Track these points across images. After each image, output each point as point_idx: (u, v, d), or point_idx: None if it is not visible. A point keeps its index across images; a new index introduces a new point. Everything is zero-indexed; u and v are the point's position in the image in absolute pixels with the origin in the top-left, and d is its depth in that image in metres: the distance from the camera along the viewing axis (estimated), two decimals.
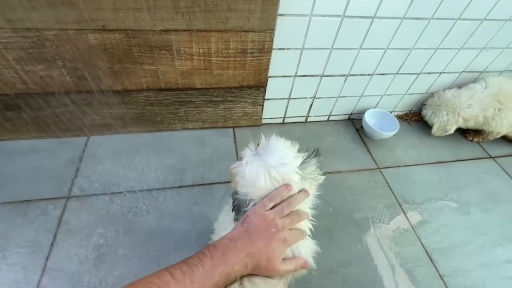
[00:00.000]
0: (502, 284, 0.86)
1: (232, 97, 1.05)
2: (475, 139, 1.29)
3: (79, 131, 1.04)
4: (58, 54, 0.80)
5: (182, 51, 0.86)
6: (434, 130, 1.21)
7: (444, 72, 1.17)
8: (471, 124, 1.21)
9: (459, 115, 1.16)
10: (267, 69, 0.97)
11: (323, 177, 0.52)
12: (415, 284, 0.83)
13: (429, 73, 1.15)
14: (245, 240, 0.43)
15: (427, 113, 1.24)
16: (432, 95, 1.25)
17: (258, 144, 0.51)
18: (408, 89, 1.22)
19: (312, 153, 0.52)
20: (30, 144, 1.00)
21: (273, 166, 0.46)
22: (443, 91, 1.21)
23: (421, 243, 0.92)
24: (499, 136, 1.25)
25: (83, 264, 0.76)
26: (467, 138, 1.31)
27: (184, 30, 0.81)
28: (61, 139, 1.03)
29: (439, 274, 0.86)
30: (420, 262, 0.88)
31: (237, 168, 0.48)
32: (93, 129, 1.05)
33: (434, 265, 0.87)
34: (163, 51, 0.85)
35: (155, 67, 0.90)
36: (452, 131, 1.19)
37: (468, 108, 1.15)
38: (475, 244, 0.95)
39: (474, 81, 1.23)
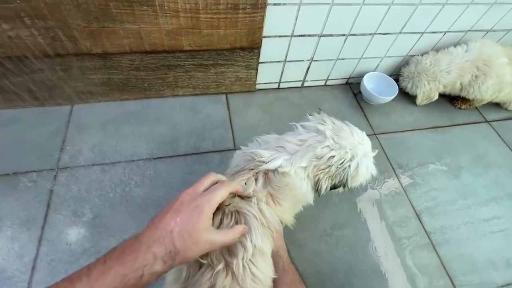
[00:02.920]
0: (484, 238, 0.92)
1: (224, 60, 0.98)
2: (463, 106, 1.25)
3: (61, 99, 0.97)
4: (24, 10, 0.70)
5: (166, 7, 0.77)
6: (419, 101, 1.16)
7: (450, 31, 1.10)
8: (448, 90, 1.17)
9: (439, 83, 1.11)
10: (261, 28, 0.89)
11: None
12: (405, 240, 0.87)
13: (433, 32, 1.08)
14: (149, 229, 0.35)
15: (406, 85, 1.17)
16: (406, 64, 1.17)
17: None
18: (410, 50, 1.15)
19: None
20: (8, 114, 0.94)
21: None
22: (420, 56, 1.13)
23: (412, 205, 0.95)
24: (483, 103, 1.21)
25: (79, 235, 0.76)
26: (455, 105, 1.27)
27: None
28: (42, 108, 0.97)
29: (426, 232, 0.90)
30: (410, 222, 0.91)
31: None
32: (76, 97, 0.99)
33: (423, 225, 0.91)
34: (145, 7, 0.76)
35: (137, 26, 0.81)
36: (436, 97, 1.16)
37: (448, 74, 1.09)
38: (462, 205, 0.98)
39: (455, 44, 1.14)
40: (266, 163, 0.54)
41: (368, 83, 1.17)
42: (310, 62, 1.09)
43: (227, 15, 0.82)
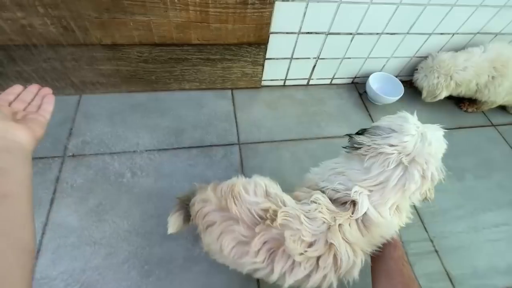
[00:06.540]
0: (487, 245, 0.91)
1: (231, 55, 0.99)
2: (470, 109, 1.23)
3: (70, 89, 0.99)
4: None
5: (176, 0, 0.78)
6: (424, 95, 1.13)
7: (458, 33, 1.10)
8: (461, 91, 1.12)
9: (451, 79, 1.07)
10: (269, 24, 0.90)
11: None
12: (406, 245, 0.87)
13: (441, 33, 1.08)
14: None
15: (418, 76, 1.14)
16: (425, 57, 1.15)
17: None
18: (417, 51, 1.15)
19: None
20: None
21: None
22: (439, 52, 1.11)
23: (415, 207, 0.94)
24: (494, 106, 1.19)
25: (83, 220, 0.77)
26: (461, 108, 1.25)
27: None
28: None
29: (429, 236, 0.90)
30: (412, 225, 0.91)
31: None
32: (84, 87, 1.00)
33: (425, 228, 0.91)
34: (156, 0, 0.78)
35: (147, 18, 0.82)
36: (442, 96, 1.11)
37: (463, 71, 1.06)
38: (465, 209, 0.98)
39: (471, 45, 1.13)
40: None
41: (374, 83, 1.17)
42: (316, 60, 1.09)
43: (236, 9, 0.83)
